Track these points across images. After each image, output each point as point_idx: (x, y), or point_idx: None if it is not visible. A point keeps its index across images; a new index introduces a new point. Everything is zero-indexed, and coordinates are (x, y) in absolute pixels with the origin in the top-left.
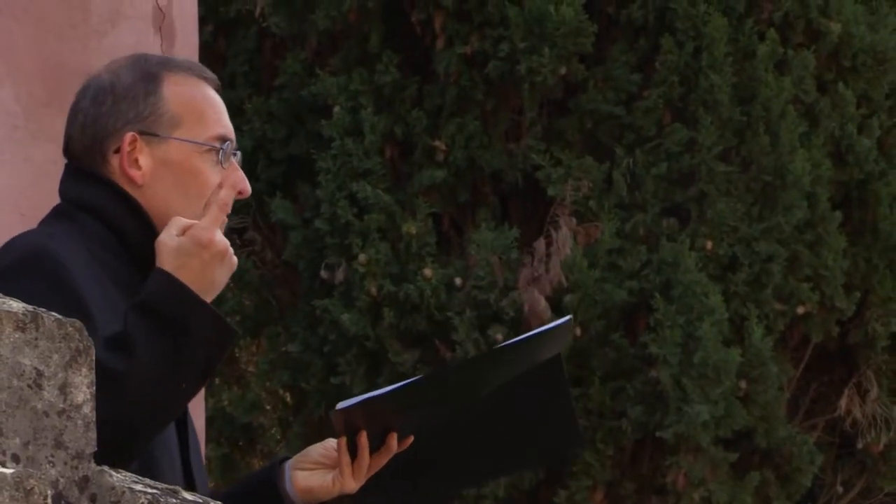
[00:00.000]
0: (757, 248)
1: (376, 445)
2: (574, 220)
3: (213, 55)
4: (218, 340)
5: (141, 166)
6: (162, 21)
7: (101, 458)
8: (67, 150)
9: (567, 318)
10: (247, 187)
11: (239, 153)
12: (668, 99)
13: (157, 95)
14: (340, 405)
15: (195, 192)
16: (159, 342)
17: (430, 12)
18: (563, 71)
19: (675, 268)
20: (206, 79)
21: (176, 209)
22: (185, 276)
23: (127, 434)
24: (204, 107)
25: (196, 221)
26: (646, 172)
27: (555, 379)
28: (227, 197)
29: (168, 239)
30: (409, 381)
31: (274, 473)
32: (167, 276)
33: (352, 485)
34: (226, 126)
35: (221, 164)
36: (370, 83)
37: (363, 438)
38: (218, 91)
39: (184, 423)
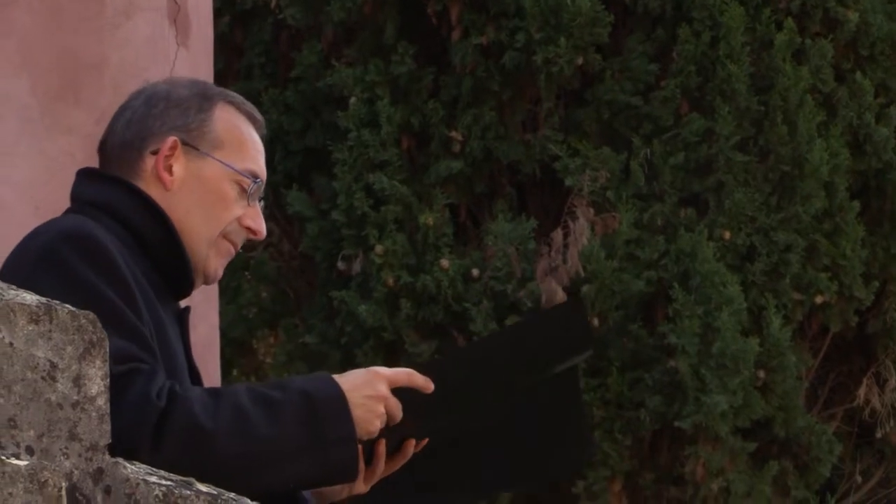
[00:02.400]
0: (775, 238)
1: (391, 449)
2: (591, 211)
3: (229, 47)
4: (345, 471)
5: (173, 173)
6: (177, 13)
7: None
8: (103, 145)
9: (566, 300)
10: (262, 230)
11: (262, 202)
12: (685, 89)
13: (208, 114)
14: None
15: (215, 214)
16: (304, 430)
17: (446, 3)
18: (579, 61)
19: (693, 258)
20: (255, 121)
21: (193, 223)
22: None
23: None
24: (246, 141)
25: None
26: (663, 162)
27: (570, 391)
28: (424, 382)
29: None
30: (429, 362)
31: None
32: (340, 391)
33: (362, 488)
34: (261, 167)
35: (248, 199)
36: (386, 74)
37: (381, 447)
38: (262, 138)
39: None
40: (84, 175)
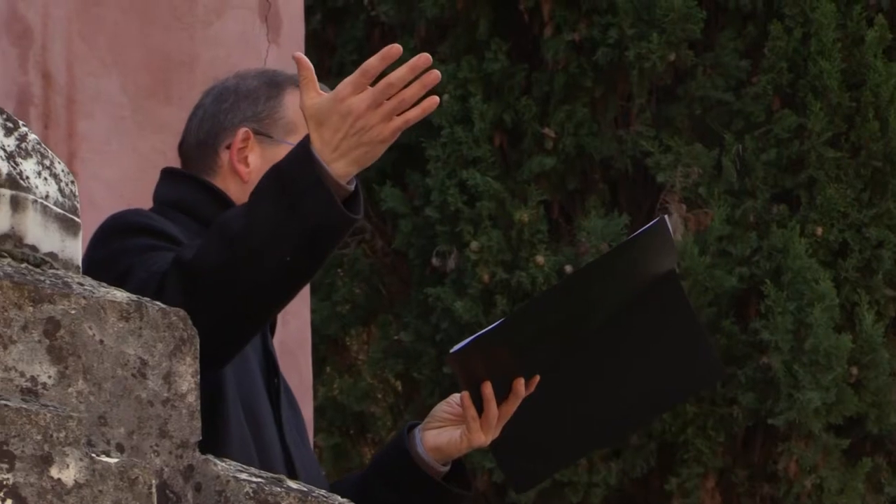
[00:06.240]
0: (867, 234)
1: (503, 394)
2: (684, 207)
3: (321, 44)
4: (326, 218)
5: (249, 163)
6: (268, 11)
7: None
8: (181, 146)
9: (658, 218)
10: None
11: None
12: (777, 85)
13: (278, 101)
14: (454, 349)
15: None
16: (272, 201)
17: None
18: (671, 57)
19: (786, 254)
20: None
21: None
22: (324, 139)
23: (234, 304)
24: None
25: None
26: (755, 159)
27: (675, 303)
28: (370, 63)
29: (308, 100)
30: (515, 310)
31: (404, 440)
32: (303, 140)
33: (481, 439)
34: None
35: None
36: (479, 71)
37: (487, 389)
38: None
39: (276, 406)
40: (164, 175)
